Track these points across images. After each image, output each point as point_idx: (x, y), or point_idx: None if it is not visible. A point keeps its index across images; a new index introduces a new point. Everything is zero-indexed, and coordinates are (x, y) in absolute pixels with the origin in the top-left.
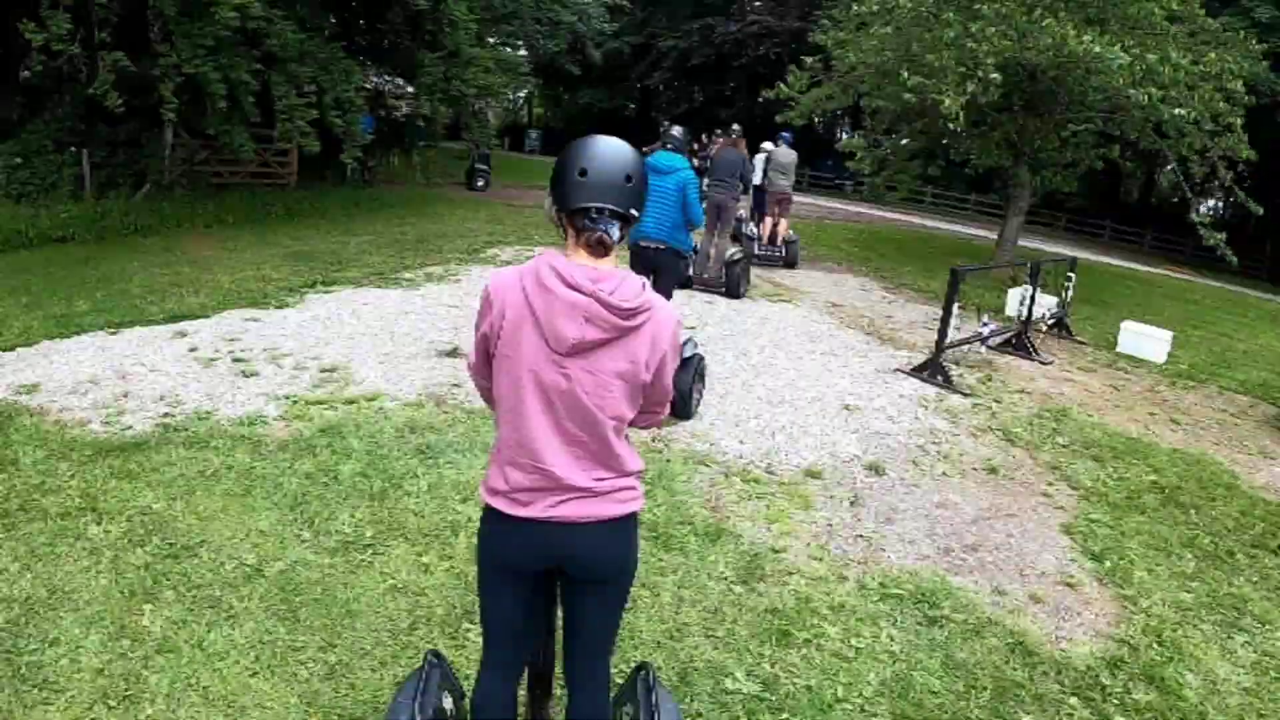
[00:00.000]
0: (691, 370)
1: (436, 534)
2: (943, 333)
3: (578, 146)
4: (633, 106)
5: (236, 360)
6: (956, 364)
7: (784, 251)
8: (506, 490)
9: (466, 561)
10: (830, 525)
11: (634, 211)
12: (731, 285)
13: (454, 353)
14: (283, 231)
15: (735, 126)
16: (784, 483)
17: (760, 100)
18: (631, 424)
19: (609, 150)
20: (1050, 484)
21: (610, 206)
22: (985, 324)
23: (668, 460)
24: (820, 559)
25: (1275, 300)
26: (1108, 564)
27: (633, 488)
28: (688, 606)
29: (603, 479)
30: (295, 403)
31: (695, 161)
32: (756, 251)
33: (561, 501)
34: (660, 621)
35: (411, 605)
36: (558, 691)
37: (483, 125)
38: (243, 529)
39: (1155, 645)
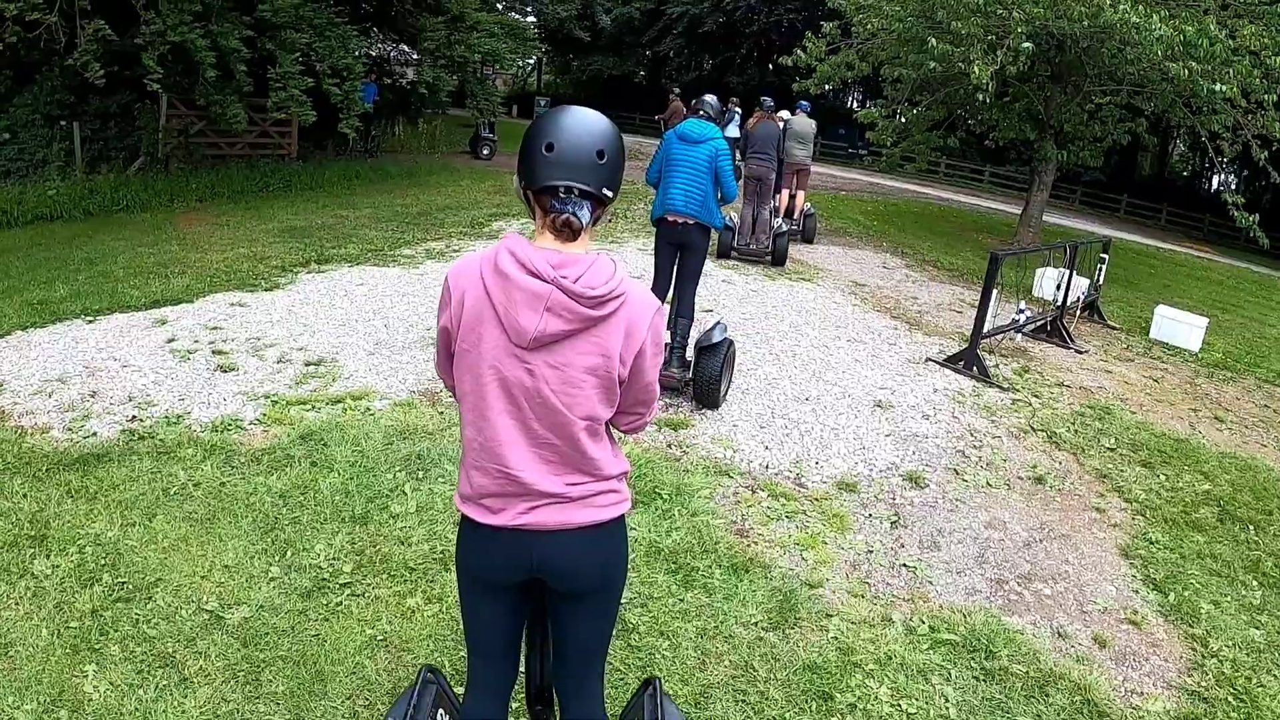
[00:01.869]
0: (720, 356)
1: (424, 569)
2: (980, 321)
3: (546, 118)
4: (642, 74)
5: (216, 352)
6: (990, 353)
7: (801, 225)
8: (473, 495)
9: (458, 602)
10: (870, 551)
11: (607, 192)
12: (778, 256)
13: None
14: (279, 205)
15: (769, 101)
16: (816, 498)
17: (771, 67)
18: (613, 425)
19: (580, 123)
20: (1101, 495)
21: (579, 185)
22: (1021, 310)
23: (686, 471)
24: (861, 595)
25: None
26: (1171, 595)
27: (614, 491)
28: (713, 662)
29: (576, 484)
30: (275, 403)
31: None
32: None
33: (532, 508)
34: (682, 681)
35: (392, 663)
36: None
37: (488, 93)
38: (205, 563)
39: (1230, 699)
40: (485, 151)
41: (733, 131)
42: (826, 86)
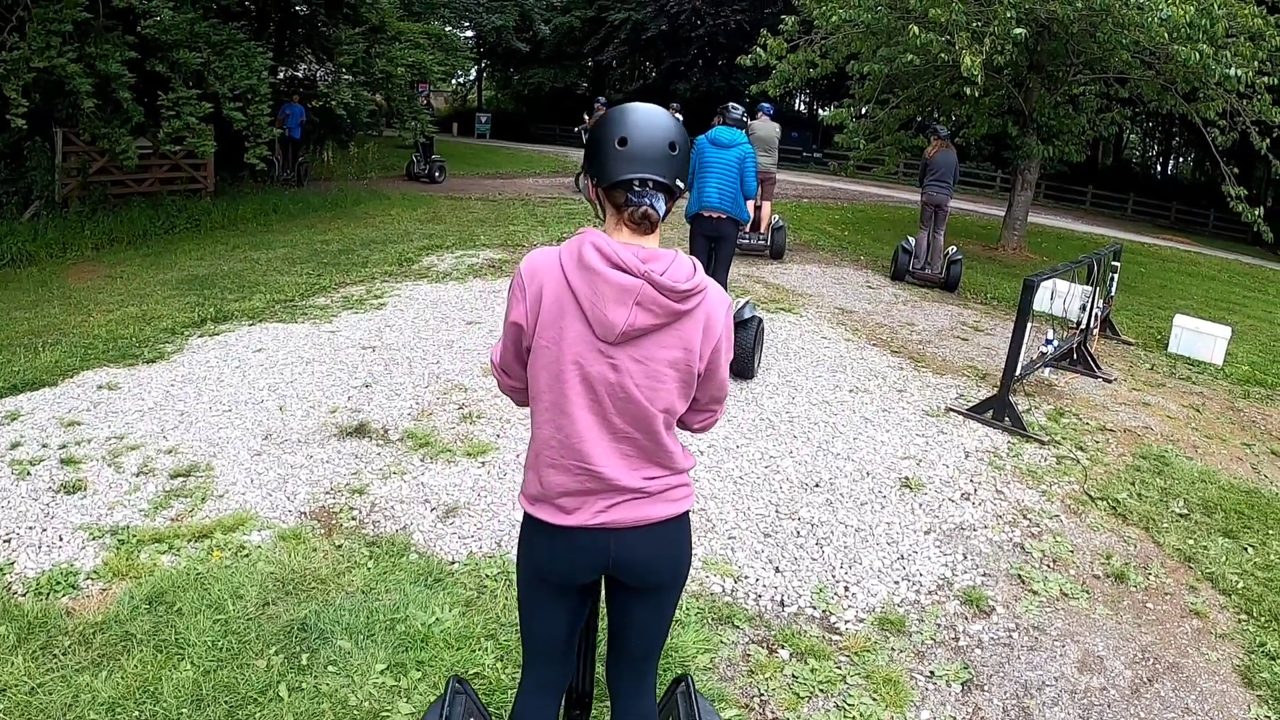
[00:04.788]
0: (752, 330)
1: None
2: (1011, 363)
3: (616, 114)
4: (585, 85)
5: (66, 462)
6: (1013, 393)
7: (769, 240)
8: (545, 495)
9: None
10: None
11: (679, 184)
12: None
13: (361, 430)
14: (185, 250)
15: (944, 129)
16: (855, 649)
17: (718, 73)
18: (684, 425)
19: (651, 117)
20: (1193, 589)
21: (654, 178)
22: (1049, 341)
23: (675, 620)
24: None
25: None
26: None
27: (685, 484)
28: None
29: (654, 478)
30: (123, 542)
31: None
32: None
33: (611, 505)
34: None
35: None
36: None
37: (415, 112)
38: None
39: None
40: (425, 172)
41: None
42: (789, 84)
